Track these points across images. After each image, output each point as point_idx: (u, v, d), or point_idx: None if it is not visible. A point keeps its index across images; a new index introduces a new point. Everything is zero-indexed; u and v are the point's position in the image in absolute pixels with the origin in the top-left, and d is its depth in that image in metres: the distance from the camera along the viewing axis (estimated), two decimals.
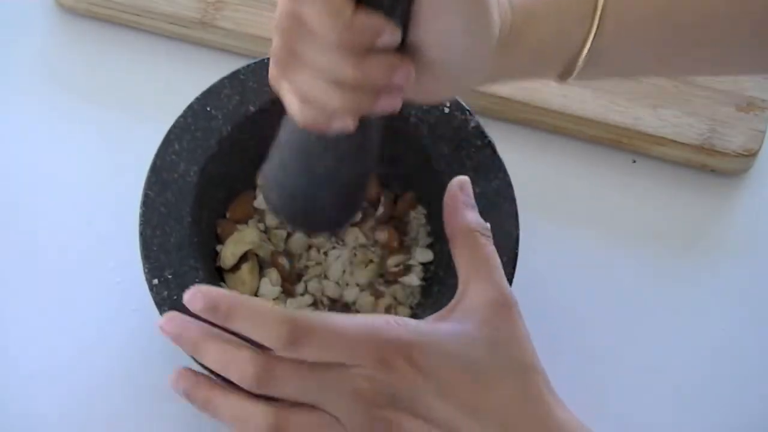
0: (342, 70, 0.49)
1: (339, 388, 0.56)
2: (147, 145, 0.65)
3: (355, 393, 0.55)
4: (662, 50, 0.59)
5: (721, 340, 0.73)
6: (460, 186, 0.62)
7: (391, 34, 0.49)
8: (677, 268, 0.75)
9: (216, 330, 0.56)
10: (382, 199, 0.70)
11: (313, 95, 0.51)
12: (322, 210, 0.61)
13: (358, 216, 0.68)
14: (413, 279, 0.68)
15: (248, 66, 0.67)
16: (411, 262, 0.69)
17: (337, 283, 0.68)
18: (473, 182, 0.65)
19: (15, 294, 0.71)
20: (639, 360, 0.72)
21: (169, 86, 0.67)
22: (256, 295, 0.67)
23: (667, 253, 0.75)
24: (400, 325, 0.57)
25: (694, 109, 0.76)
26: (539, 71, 0.58)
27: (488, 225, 0.62)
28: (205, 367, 0.58)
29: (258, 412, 0.56)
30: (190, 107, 0.66)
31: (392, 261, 0.68)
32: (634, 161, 0.77)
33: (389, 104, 0.52)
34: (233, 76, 0.66)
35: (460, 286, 0.60)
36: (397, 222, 0.70)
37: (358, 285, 0.68)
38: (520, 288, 0.69)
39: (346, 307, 0.68)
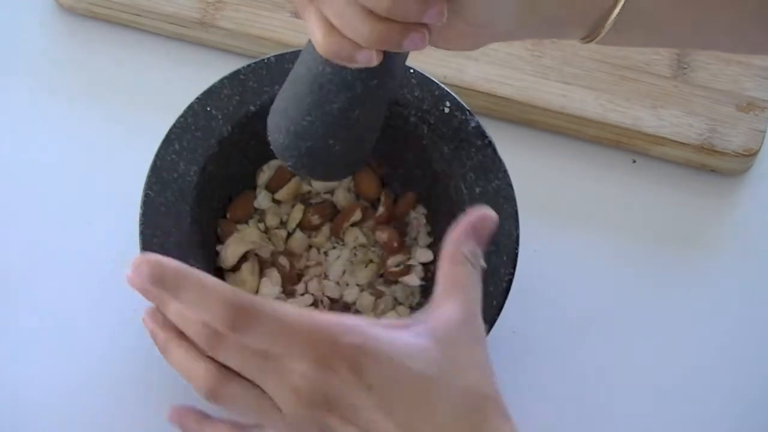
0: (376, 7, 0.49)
1: (277, 378, 0.54)
2: (147, 145, 0.65)
3: (292, 387, 0.54)
4: (695, 16, 0.57)
5: (721, 339, 0.73)
6: (483, 218, 0.60)
7: None
8: (677, 268, 0.75)
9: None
10: (383, 198, 0.70)
11: (341, 22, 0.50)
12: (328, 151, 0.60)
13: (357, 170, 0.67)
14: (413, 279, 0.68)
15: (248, 66, 0.67)
16: (411, 262, 0.69)
17: (337, 283, 0.69)
18: (473, 182, 0.65)
19: (15, 294, 0.71)
20: (639, 359, 0.72)
21: (169, 86, 0.67)
22: (256, 294, 0.67)
23: (667, 252, 0.75)
24: (356, 330, 0.54)
25: (694, 109, 0.76)
26: (567, 24, 0.57)
27: (483, 264, 0.59)
28: None
29: (201, 369, 0.55)
30: (190, 107, 0.66)
31: (392, 261, 0.68)
32: (634, 161, 0.77)
33: (417, 42, 0.51)
34: (233, 76, 0.66)
35: (435, 299, 0.58)
36: (396, 222, 0.70)
37: (358, 285, 0.69)
38: (520, 288, 0.69)
39: (347, 307, 0.68)
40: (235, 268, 0.67)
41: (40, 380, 0.68)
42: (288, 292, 0.68)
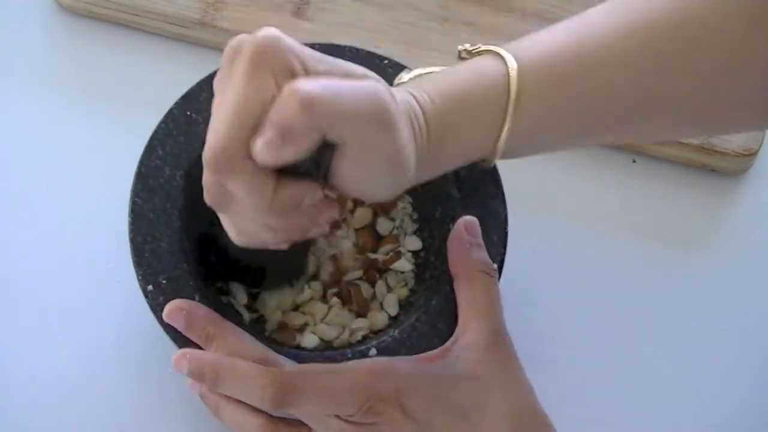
0: (271, 222, 0.52)
1: (327, 425, 0.59)
2: None
3: (341, 430, 0.58)
4: (583, 136, 0.60)
5: (720, 339, 0.73)
6: (465, 226, 0.64)
7: (312, 197, 0.52)
8: (677, 268, 0.75)
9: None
10: None
11: (246, 231, 0.54)
12: (274, 277, 0.66)
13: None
14: (404, 265, 0.68)
15: None
16: (400, 249, 0.69)
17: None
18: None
19: (15, 294, 0.71)
20: (638, 359, 0.72)
21: (168, 86, 0.67)
22: None
23: (667, 252, 0.75)
24: (390, 372, 0.59)
25: None
26: (458, 166, 0.60)
27: (495, 265, 0.63)
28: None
29: (253, 426, 0.60)
30: (170, 112, 0.66)
31: (383, 249, 0.68)
32: (634, 161, 0.77)
33: (318, 234, 0.56)
34: (210, 79, 0.66)
35: (460, 325, 0.62)
36: (383, 214, 0.70)
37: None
38: (519, 287, 0.69)
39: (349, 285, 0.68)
40: None
41: (41, 380, 0.68)
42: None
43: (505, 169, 0.67)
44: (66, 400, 0.68)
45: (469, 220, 0.64)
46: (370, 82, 0.51)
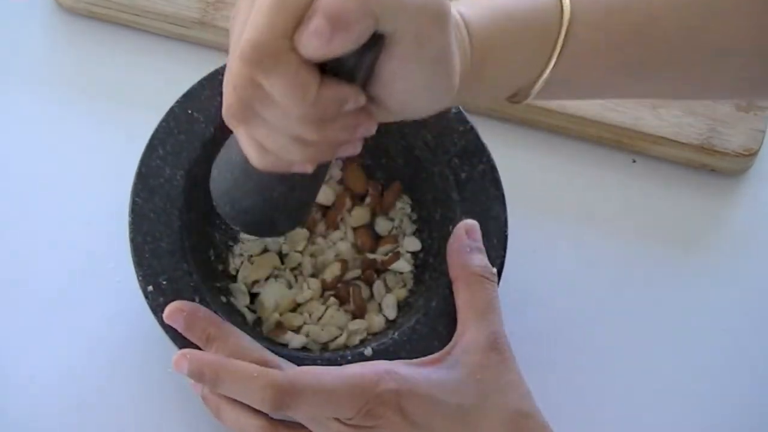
0: (305, 133, 0.48)
1: (327, 428, 0.59)
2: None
3: None
4: (624, 80, 0.59)
5: (721, 339, 0.73)
6: (466, 229, 0.64)
7: (355, 102, 0.48)
8: (677, 268, 0.75)
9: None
10: (370, 191, 0.70)
11: (273, 147, 0.50)
12: (272, 221, 0.61)
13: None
14: (403, 265, 0.68)
15: (225, 65, 0.66)
16: (399, 250, 0.69)
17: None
18: (458, 168, 0.65)
19: (15, 293, 0.71)
20: (638, 359, 0.72)
21: (169, 86, 0.67)
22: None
23: (667, 252, 0.75)
24: (389, 375, 0.58)
25: (694, 109, 0.76)
26: (499, 95, 0.58)
27: (494, 270, 0.63)
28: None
29: (254, 427, 0.60)
30: (171, 111, 0.66)
31: (382, 249, 0.68)
32: (634, 161, 0.77)
33: (349, 151, 0.52)
34: (212, 77, 0.66)
35: (458, 328, 0.62)
36: (382, 213, 0.70)
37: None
38: (519, 287, 0.69)
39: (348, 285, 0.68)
40: None
41: (41, 380, 0.68)
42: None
43: (505, 169, 0.67)
44: (66, 400, 0.68)
45: (470, 223, 0.64)
46: None
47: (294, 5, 0.45)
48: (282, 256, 0.69)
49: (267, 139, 0.50)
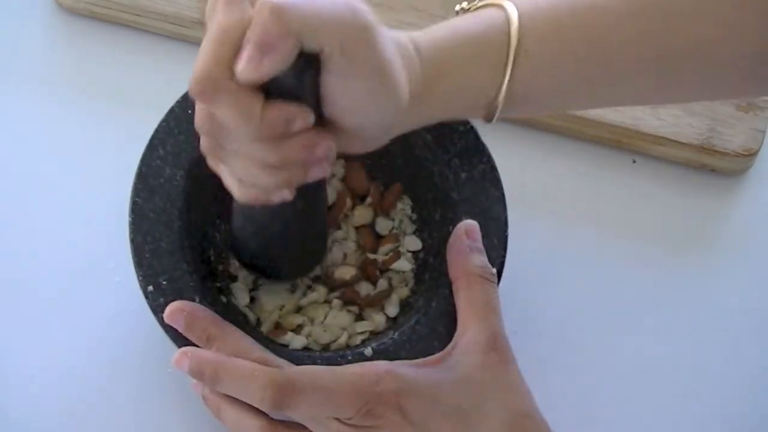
0: (265, 155, 0.52)
1: (326, 428, 0.59)
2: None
3: None
4: (584, 88, 0.59)
5: (720, 339, 0.73)
6: (466, 230, 0.64)
7: (303, 119, 0.51)
8: (677, 268, 0.75)
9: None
10: (372, 191, 0.70)
11: (246, 178, 0.54)
12: (283, 265, 0.65)
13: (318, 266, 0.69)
14: (404, 264, 0.68)
15: None
16: (400, 249, 0.69)
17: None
18: (458, 168, 0.65)
19: (15, 293, 0.71)
20: (638, 359, 0.72)
21: (169, 86, 0.67)
22: None
23: (667, 252, 0.75)
24: (389, 375, 0.58)
25: (694, 109, 0.76)
26: (461, 114, 0.60)
27: (494, 270, 0.63)
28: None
29: (255, 428, 0.60)
30: (171, 111, 0.66)
31: (383, 249, 0.68)
32: (634, 161, 0.77)
33: (318, 173, 0.54)
34: None
35: (458, 328, 0.62)
36: (382, 214, 0.70)
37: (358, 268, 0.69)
38: (520, 287, 0.69)
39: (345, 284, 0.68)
40: None
41: (41, 379, 0.68)
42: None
43: (505, 169, 0.67)
44: (66, 400, 0.68)
45: (469, 224, 0.64)
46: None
47: (230, 36, 0.49)
48: None
49: (240, 170, 0.54)
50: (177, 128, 0.65)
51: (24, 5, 0.79)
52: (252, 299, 0.67)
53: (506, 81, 0.56)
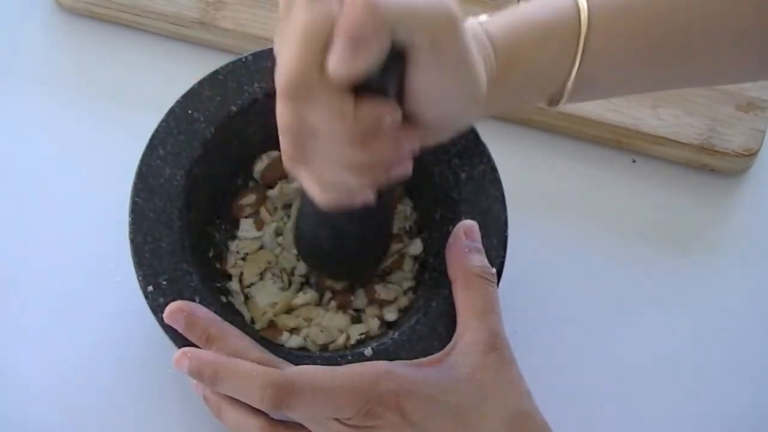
0: (354, 156, 0.51)
1: (326, 428, 0.59)
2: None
3: None
4: (649, 71, 0.60)
5: (720, 339, 0.73)
6: (465, 230, 0.64)
7: (392, 116, 0.51)
8: (676, 268, 0.75)
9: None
10: None
11: (331, 180, 0.53)
12: (353, 265, 0.66)
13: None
14: (408, 265, 0.68)
15: (226, 66, 0.67)
16: (405, 252, 0.69)
17: None
18: (458, 168, 0.65)
19: (15, 293, 0.71)
20: (638, 359, 0.72)
21: (169, 86, 0.67)
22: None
23: (667, 252, 0.75)
24: (389, 375, 0.58)
25: (694, 109, 0.76)
26: (528, 102, 0.60)
27: (493, 270, 0.63)
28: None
29: (255, 428, 0.60)
30: (171, 111, 0.66)
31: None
32: (634, 161, 0.77)
33: (402, 171, 0.54)
34: (212, 76, 0.66)
35: (458, 329, 0.62)
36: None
37: None
38: (520, 287, 0.69)
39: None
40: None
41: (40, 379, 0.68)
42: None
43: (505, 169, 0.67)
44: (66, 400, 0.68)
45: (468, 224, 0.64)
46: None
47: (318, 35, 0.48)
48: (278, 257, 0.68)
49: (324, 172, 0.53)
50: (177, 128, 0.65)
51: (24, 5, 0.79)
52: (246, 297, 0.67)
53: (576, 68, 0.56)
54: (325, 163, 0.52)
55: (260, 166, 0.69)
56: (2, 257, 0.72)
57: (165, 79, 0.76)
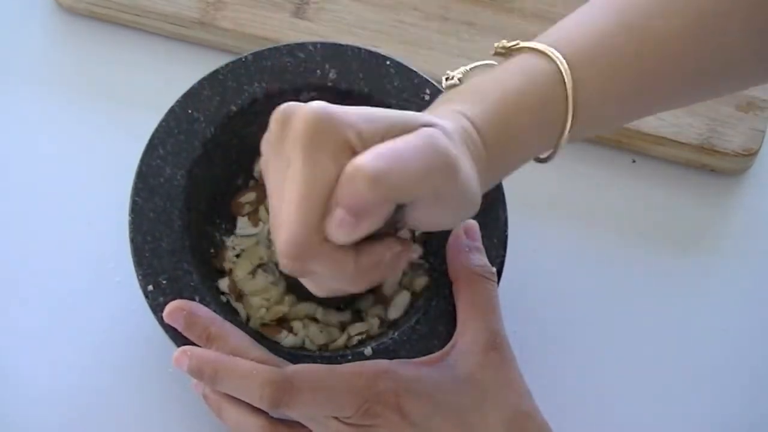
0: (353, 275, 0.51)
1: (326, 427, 0.59)
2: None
3: None
4: (638, 107, 0.60)
5: (720, 339, 0.73)
6: (466, 230, 0.64)
7: (392, 252, 0.51)
8: (677, 268, 0.75)
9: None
10: None
11: (328, 290, 0.53)
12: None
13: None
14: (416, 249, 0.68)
15: (226, 66, 0.67)
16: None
17: None
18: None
19: (15, 293, 0.71)
20: (638, 359, 0.72)
21: (169, 86, 0.67)
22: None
23: (667, 252, 0.75)
24: (389, 374, 0.59)
25: (694, 109, 0.76)
26: (523, 165, 0.60)
27: (493, 269, 0.63)
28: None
29: (255, 427, 0.60)
30: (171, 111, 0.66)
31: None
32: (634, 161, 0.77)
33: (396, 273, 0.56)
34: (212, 76, 0.66)
35: (458, 328, 0.62)
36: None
37: None
38: (520, 287, 0.69)
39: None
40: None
41: (41, 379, 0.68)
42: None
43: None
44: (66, 400, 0.68)
45: (468, 223, 0.64)
46: (425, 133, 0.50)
47: (317, 202, 0.49)
48: (274, 253, 0.68)
49: (323, 286, 0.53)
50: (177, 128, 0.65)
51: (24, 5, 0.79)
52: (239, 294, 0.67)
53: (566, 133, 0.57)
54: (324, 280, 0.52)
55: (260, 165, 0.69)
56: (2, 257, 0.72)
57: (165, 79, 0.76)
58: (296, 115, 0.49)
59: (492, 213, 0.65)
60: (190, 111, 0.66)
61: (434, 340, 0.62)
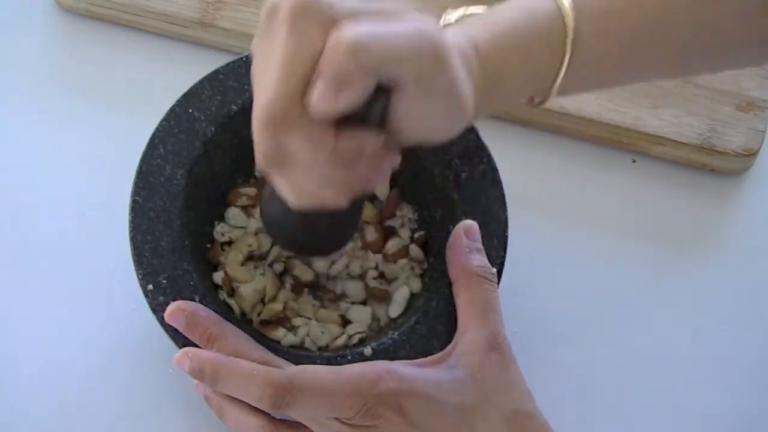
0: (332, 175, 0.50)
1: (326, 427, 0.59)
2: None
3: None
4: (635, 67, 0.60)
5: (720, 339, 0.73)
6: (466, 230, 0.64)
7: (373, 144, 0.50)
8: (677, 268, 0.75)
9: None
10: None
11: (306, 190, 0.52)
12: (322, 244, 0.63)
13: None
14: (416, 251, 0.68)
15: (227, 65, 0.67)
16: (408, 248, 0.69)
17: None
18: (459, 168, 0.65)
19: (15, 294, 0.71)
20: (638, 359, 0.72)
21: (169, 86, 0.67)
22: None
23: (667, 252, 0.75)
24: (389, 375, 0.58)
25: (694, 109, 0.76)
26: (511, 107, 0.60)
27: (494, 270, 0.63)
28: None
29: (255, 427, 0.60)
30: (171, 110, 0.66)
31: (390, 245, 0.68)
32: (634, 161, 0.77)
33: (379, 183, 0.55)
34: (213, 76, 0.66)
35: (458, 328, 0.62)
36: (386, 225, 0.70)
37: (352, 276, 0.68)
38: (520, 288, 0.69)
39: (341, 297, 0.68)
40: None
41: (40, 379, 0.68)
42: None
43: (505, 169, 0.67)
44: (65, 399, 0.68)
45: (469, 224, 0.64)
46: (418, 21, 0.49)
47: (300, 69, 0.47)
48: (267, 253, 0.68)
49: (300, 183, 0.51)
50: (177, 127, 0.66)
51: (24, 5, 0.79)
52: (233, 291, 0.67)
53: (563, 73, 0.56)
54: (302, 178, 0.51)
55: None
56: (2, 257, 0.72)
57: (165, 79, 0.76)
58: (284, 1, 0.48)
59: (492, 213, 0.65)
60: (190, 110, 0.66)
61: (434, 340, 0.62)
